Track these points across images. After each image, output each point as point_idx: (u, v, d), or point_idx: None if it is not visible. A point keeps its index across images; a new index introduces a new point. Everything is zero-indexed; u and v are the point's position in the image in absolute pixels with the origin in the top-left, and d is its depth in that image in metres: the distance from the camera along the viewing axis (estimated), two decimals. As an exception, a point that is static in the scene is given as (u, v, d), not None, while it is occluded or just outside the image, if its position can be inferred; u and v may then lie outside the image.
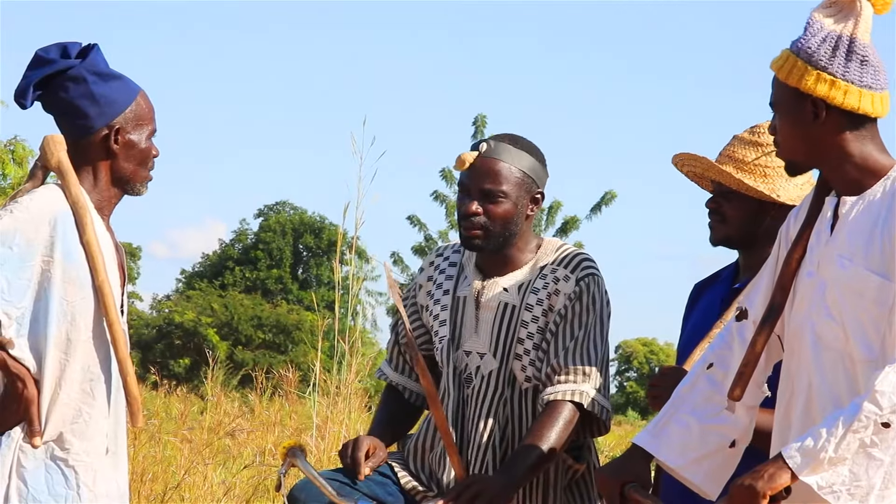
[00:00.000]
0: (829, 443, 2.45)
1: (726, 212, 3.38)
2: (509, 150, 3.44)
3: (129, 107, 3.15)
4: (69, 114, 3.12)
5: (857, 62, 2.68)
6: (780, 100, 2.74)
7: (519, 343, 3.43)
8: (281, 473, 3.29)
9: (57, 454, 3.02)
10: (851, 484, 2.46)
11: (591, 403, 3.33)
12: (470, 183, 3.43)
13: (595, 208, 27.52)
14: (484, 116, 25.15)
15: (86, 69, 3.11)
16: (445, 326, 3.51)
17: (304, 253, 51.90)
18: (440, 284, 3.57)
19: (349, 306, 7.86)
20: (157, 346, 40.25)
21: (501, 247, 3.45)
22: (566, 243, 3.55)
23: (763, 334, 2.78)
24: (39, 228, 3.00)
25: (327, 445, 7.27)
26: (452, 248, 3.64)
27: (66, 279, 3.01)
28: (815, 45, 2.68)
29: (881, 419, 2.44)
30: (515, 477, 3.23)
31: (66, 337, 3.01)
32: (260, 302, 43.92)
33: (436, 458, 3.48)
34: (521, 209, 3.44)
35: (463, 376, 3.48)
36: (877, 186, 2.69)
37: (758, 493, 2.45)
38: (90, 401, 3.06)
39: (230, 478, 7.88)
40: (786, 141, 2.75)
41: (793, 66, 2.70)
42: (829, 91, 2.67)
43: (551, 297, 3.42)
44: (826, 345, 2.68)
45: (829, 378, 2.67)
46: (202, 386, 11.47)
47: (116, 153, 3.13)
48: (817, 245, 2.76)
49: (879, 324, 2.61)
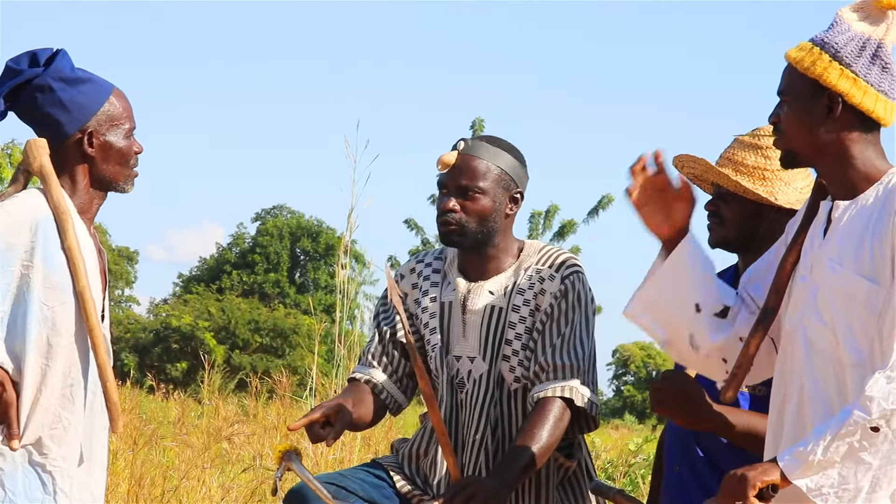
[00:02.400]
0: (818, 446, 2.48)
1: (725, 214, 3.38)
2: (486, 148, 3.48)
3: (100, 108, 3.13)
4: (41, 122, 3.11)
5: (880, 67, 2.72)
6: (794, 89, 2.75)
7: (507, 344, 3.45)
8: (277, 477, 3.29)
9: (35, 459, 3.01)
10: (840, 487, 2.49)
11: (580, 399, 3.35)
12: (447, 180, 3.47)
13: (592, 212, 27.58)
14: (482, 120, 25.22)
15: (50, 77, 3.09)
16: (436, 334, 3.53)
17: (301, 257, 51.90)
18: (426, 291, 3.58)
19: (346, 310, 7.87)
20: (154, 350, 40.22)
21: (479, 244, 3.47)
22: (548, 244, 3.58)
23: (757, 336, 2.80)
24: (20, 233, 2.99)
25: (324, 449, 7.28)
26: (433, 255, 3.65)
27: (46, 284, 3.00)
28: (843, 42, 2.71)
29: (870, 424, 2.47)
30: (510, 478, 3.25)
31: (46, 342, 3.01)
32: (257, 306, 43.91)
33: (429, 463, 3.50)
34: (499, 206, 3.47)
35: (455, 381, 3.50)
36: (870, 191, 2.71)
37: (748, 481, 2.48)
38: (70, 406, 3.05)
39: (228, 482, 7.88)
40: (791, 130, 2.76)
41: (817, 58, 2.72)
42: (850, 88, 2.69)
43: (537, 296, 3.45)
44: (817, 348, 2.70)
45: (820, 381, 2.69)
46: (199, 390, 11.46)
47: (93, 156, 3.12)
48: (811, 249, 2.78)
49: (868, 328, 2.63)
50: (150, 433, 8.38)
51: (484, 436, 3.44)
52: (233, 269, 50.26)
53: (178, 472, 7.62)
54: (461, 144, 3.49)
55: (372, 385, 3.56)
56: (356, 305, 8.85)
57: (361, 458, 7.34)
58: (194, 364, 36.01)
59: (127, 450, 7.59)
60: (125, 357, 37.67)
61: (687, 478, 3.35)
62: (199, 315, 41.57)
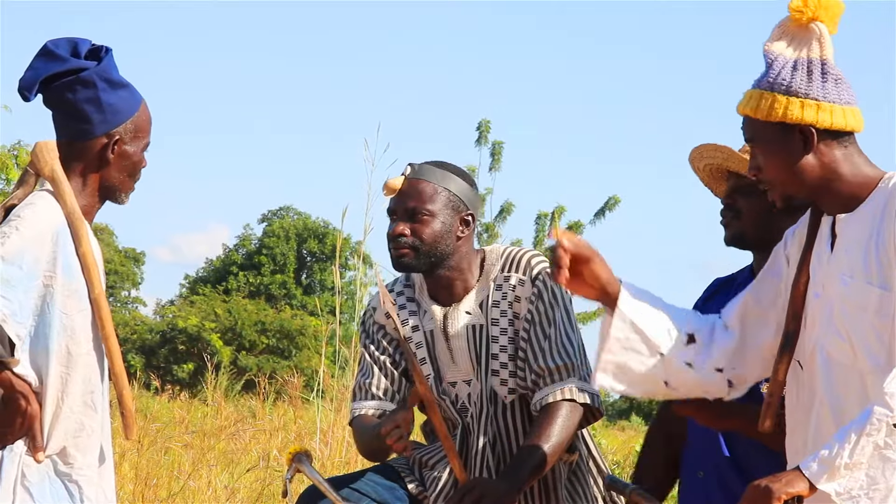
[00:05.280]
0: (843, 449, 2.45)
1: (742, 207, 3.34)
2: (434, 172, 3.47)
3: (131, 118, 3.12)
4: (71, 115, 3.08)
5: (833, 82, 2.69)
6: (762, 138, 2.73)
7: (493, 359, 3.45)
8: (287, 479, 3.29)
9: (61, 469, 3.00)
10: (869, 488, 2.46)
11: (582, 397, 3.35)
12: (396, 205, 3.46)
13: (599, 213, 27.55)
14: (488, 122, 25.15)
15: (97, 74, 3.07)
16: (427, 364, 3.51)
17: (307, 258, 51.92)
18: (405, 321, 3.54)
19: (353, 311, 7.86)
20: (160, 352, 40.23)
21: (433, 266, 3.44)
22: (506, 246, 3.55)
23: (784, 362, 2.78)
24: (44, 245, 2.97)
25: (331, 451, 7.28)
26: (402, 283, 3.61)
27: (65, 293, 2.99)
28: (788, 75, 2.69)
29: (893, 420, 2.45)
30: (518, 479, 3.24)
31: (66, 351, 2.99)
32: (264, 307, 43.91)
33: (430, 474, 3.48)
34: (449, 229, 3.44)
35: (457, 407, 3.48)
36: (868, 199, 2.71)
37: (773, 493, 2.44)
38: (91, 413, 3.04)
39: (234, 482, 7.87)
40: (776, 177, 2.74)
41: (772, 102, 2.69)
42: (816, 115, 2.67)
43: (513, 304, 3.44)
44: (836, 362, 2.69)
45: (840, 395, 2.67)
46: (206, 391, 11.47)
47: (110, 162, 3.10)
48: (819, 266, 2.77)
49: (883, 334, 2.62)
50: (156, 434, 8.38)
51: (485, 453, 3.44)
52: (239, 271, 50.27)
53: (183, 473, 7.61)
54: (408, 169, 3.48)
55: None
56: (362, 307, 8.84)
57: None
58: (201, 365, 36.04)
59: (133, 451, 7.59)
60: (131, 358, 37.68)
61: (711, 483, 3.31)
62: (205, 316, 41.59)
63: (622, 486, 3.21)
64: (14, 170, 19.20)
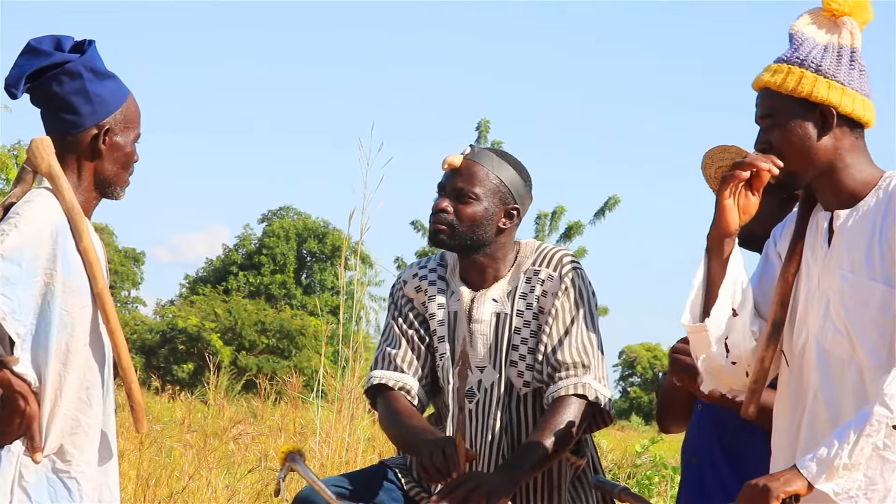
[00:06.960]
0: (842, 449, 2.46)
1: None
2: (491, 158, 3.49)
3: (119, 108, 3.11)
4: (60, 109, 3.07)
5: (858, 71, 2.74)
6: (782, 112, 2.74)
7: (514, 350, 3.46)
8: (280, 478, 3.28)
9: (59, 467, 3.00)
10: (868, 488, 2.47)
11: (593, 395, 3.36)
12: (446, 181, 3.49)
13: (598, 213, 27.58)
14: (487, 122, 25.19)
15: (83, 65, 3.06)
16: (444, 342, 3.52)
17: (307, 258, 51.90)
18: (433, 297, 3.56)
19: (353, 311, 7.87)
20: (160, 352, 40.22)
21: (467, 249, 3.47)
22: (543, 243, 3.57)
23: (769, 350, 2.78)
24: (43, 242, 2.96)
25: (331, 450, 7.28)
26: (436, 261, 3.64)
27: (66, 290, 2.98)
28: (820, 55, 2.72)
29: (892, 421, 2.46)
30: (516, 472, 3.24)
31: (65, 348, 2.98)
32: (264, 307, 43.91)
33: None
34: (492, 216, 3.46)
35: (464, 392, 3.49)
36: (869, 196, 2.72)
37: (771, 492, 2.45)
38: (87, 409, 3.03)
39: (234, 483, 7.88)
40: (789, 152, 2.74)
41: (800, 77, 2.72)
42: (840, 98, 2.71)
43: (540, 298, 3.45)
44: (834, 357, 2.69)
45: (836, 389, 2.68)
46: (206, 391, 11.47)
47: (103, 153, 3.09)
48: (814, 260, 2.77)
49: (885, 330, 2.63)
50: (157, 434, 8.38)
51: (493, 443, 3.44)
52: (239, 271, 50.25)
53: (184, 474, 7.62)
54: (468, 149, 3.51)
55: (406, 391, 3.50)
56: (362, 307, 8.85)
57: (366, 459, 7.34)
58: (201, 365, 36.04)
59: (133, 451, 7.60)
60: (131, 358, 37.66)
61: (705, 468, 3.31)
62: (205, 316, 41.58)
63: (610, 486, 3.21)
64: (14, 170, 19.17)
